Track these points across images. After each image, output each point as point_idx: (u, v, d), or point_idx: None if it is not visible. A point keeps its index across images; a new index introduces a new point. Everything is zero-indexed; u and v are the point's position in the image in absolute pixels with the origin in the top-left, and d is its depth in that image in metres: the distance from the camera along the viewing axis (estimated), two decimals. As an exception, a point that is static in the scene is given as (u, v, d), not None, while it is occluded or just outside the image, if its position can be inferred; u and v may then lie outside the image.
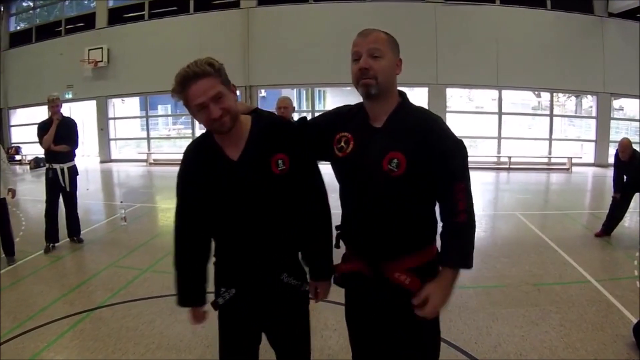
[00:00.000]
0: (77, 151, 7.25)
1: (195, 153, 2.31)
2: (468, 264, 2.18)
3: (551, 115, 18.49)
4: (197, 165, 2.28)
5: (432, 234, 2.30)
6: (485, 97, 20.37)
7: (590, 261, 6.52)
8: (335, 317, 4.58)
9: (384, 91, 2.16)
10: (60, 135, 6.83)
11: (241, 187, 2.21)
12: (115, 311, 4.77)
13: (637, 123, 20.47)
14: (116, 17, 18.81)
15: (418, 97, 17.34)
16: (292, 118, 5.58)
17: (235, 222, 2.29)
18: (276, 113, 5.78)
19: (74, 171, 7.11)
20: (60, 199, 7.10)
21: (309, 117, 2.58)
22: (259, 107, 2.46)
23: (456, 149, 2.16)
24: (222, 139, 2.23)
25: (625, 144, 7.19)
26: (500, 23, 16.87)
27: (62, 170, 6.92)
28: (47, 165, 7.06)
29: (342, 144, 2.28)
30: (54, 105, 6.89)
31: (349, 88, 20.04)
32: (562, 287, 5.54)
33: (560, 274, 6.02)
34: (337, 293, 2.48)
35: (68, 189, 7.01)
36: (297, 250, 2.41)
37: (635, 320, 4.36)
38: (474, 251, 2.21)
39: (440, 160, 2.11)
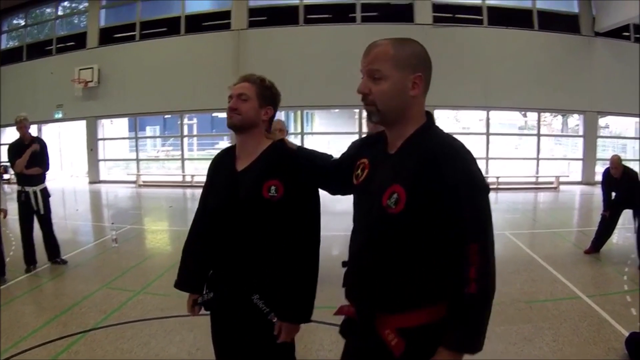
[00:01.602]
0: (52, 172, 7.10)
1: (219, 156, 2.56)
2: (474, 348, 1.72)
3: (538, 135, 18.76)
4: (215, 166, 2.55)
5: (440, 291, 1.76)
6: (472, 118, 20.59)
7: (580, 277, 6.59)
8: (331, 338, 4.57)
9: (391, 116, 1.83)
10: (31, 158, 6.69)
11: (233, 199, 2.33)
12: (109, 333, 4.70)
13: (623, 140, 20.85)
14: (107, 37, 18.87)
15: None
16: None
17: (219, 230, 2.39)
18: None
19: (46, 193, 6.96)
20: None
21: (298, 138, 2.57)
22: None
23: (470, 188, 1.70)
24: (240, 150, 2.44)
25: (616, 161, 7.28)
26: (489, 44, 17.17)
27: (34, 193, 6.78)
28: (19, 188, 6.84)
29: (359, 170, 2.01)
30: (22, 126, 6.73)
31: (337, 110, 20.27)
32: (553, 304, 5.58)
33: (551, 291, 6.07)
34: (330, 314, 2.37)
35: (42, 212, 6.87)
36: (279, 277, 2.31)
37: (627, 334, 4.42)
38: (486, 331, 1.75)
39: (446, 201, 1.69)
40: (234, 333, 2.39)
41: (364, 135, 2.38)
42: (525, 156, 19.51)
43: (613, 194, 7.55)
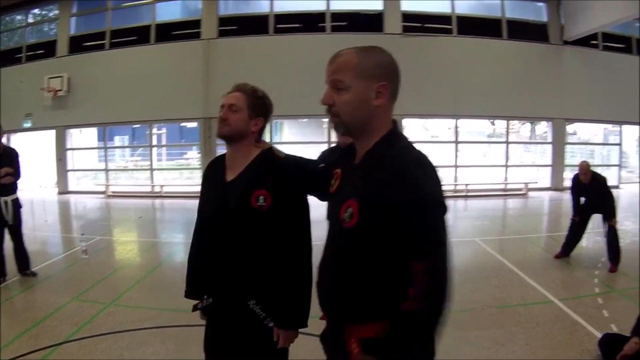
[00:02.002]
0: (22, 182, 6.85)
1: (210, 165, 2.60)
2: None
3: (507, 142, 18.99)
4: (207, 176, 2.59)
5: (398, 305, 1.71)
6: (441, 126, 20.78)
7: (551, 282, 6.68)
8: (305, 349, 4.55)
9: (355, 127, 1.81)
10: (2, 167, 6.44)
11: (223, 209, 2.38)
12: (82, 346, 4.60)
13: (591, 147, 21.31)
14: (77, 45, 18.57)
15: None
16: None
17: (213, 238, 2.44)
18: None
19: (17, 204, 6.74)
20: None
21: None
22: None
23: (419, 206, 1.62)
24: (229, 160, 2.48)
25: (585, 167, 7.36)
26: (458, 53, 17.30)
27: (5, 203, 6.55)
28: None
29: (333, 180, 1.99)
30: None
31: (305, 120, 20.32)
32: (525, 308, 5.65)
33: (523, 296, 6.13)
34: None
35: (11, 222, 6.64)
36: (274, 285, 2.32)
37: (600, 335, 4.50)
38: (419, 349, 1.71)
39: (394, 218, 1.63)
40: (229, 338, 2.40)
41: (332, 145, 2.38)
42: (494, 163, 19.75)
43: (582, 199, 7.66)
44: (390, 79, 1.79)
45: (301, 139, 22.03)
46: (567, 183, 17.55)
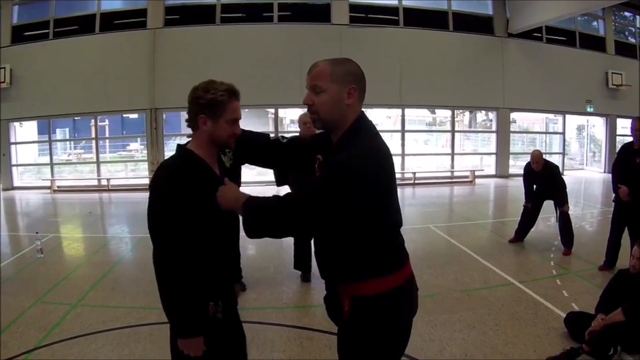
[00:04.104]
0: None
1: (185, 171, 2.26)
2: None
3: (453, 131, 19.42)
4: (189, 183, 2.23)
5: (380, 266, 2.15)
6: (381, 115, 21.04)
7: (509, 265, 6.97)
8: (281, 340, 4.65)
9: (330, 123, 2.20)
10: None
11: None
12: (54, 351, 4.40)
13: (532, 135, 22.09)
14: (20, 35, 17.75)
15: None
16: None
17: (222, 233, 2.41)
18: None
19: None
20: None
21: None
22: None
23: (331, 169, 2.07)
24: (210, 155, 2.40)
25: (538, 156, 7.59)
26: (404, 44, 17.55)
27: None
28: None
29: (316, 165, 2.40)
30: None
31: (247, 110, 20.23)
32: (489, 291, 5.88)
33: (485, 279, 6.37)
34: (276, 314, 2.48)
35: None
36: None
37: (563, 314, 4.75)
38: None
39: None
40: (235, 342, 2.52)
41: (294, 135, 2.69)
42: (437, 151, 20.15)
43: (535, 186, 7.94)
44: (358, 83, 2.21)
45: (244, 128, 21.90)
46: (512, 170, 18.32)
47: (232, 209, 2.18)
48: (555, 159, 18.28)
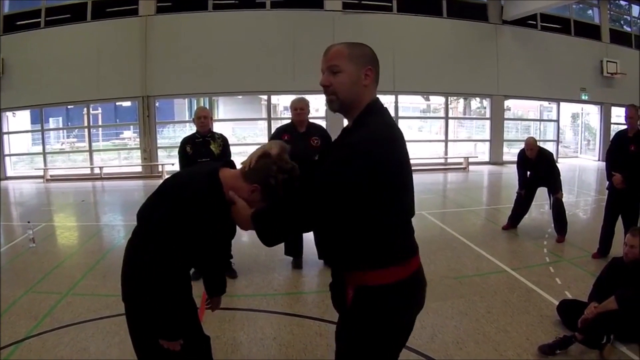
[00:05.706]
0: None
1: (211, 207, 2.34)
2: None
3: (447, 118, 19.43)
4: (211, 219, 2.37)
5: (387, 256, 2.08)
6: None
7: (502, 252, 6.96)
8: (272, 327, 4.61)
9: (348, 104, 2.16)
10: None
11: None
12: (45, 341, 4.37)
13: (526, 122, 22.08)
14: (11, 24, 17.55)
15: (315, 106, 17.57)
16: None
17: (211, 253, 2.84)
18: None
19: None
20: None
21: None
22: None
23: (342, 152, 2.02)
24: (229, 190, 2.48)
25: (531, 143, 7.59)
26: (398, 31, 17.47)
27: None
28: None
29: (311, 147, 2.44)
30: None
31: (240, 97, 20.25)
32: (481, 278, 5.86)
33: (477, 266, 6.35)
34: (267, 301, 2.46)
35: None
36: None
37: (556, 302, 4.72)
38: None
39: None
40: None
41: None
42: (432, 138, 20.15)
43: (529, 173, 7.92)
44: (373, 65, 2.21)
45: (237, 115, 22.40)
46: (506, 157, 18.32)
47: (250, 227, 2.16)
48: (550, 147, 18.31)
